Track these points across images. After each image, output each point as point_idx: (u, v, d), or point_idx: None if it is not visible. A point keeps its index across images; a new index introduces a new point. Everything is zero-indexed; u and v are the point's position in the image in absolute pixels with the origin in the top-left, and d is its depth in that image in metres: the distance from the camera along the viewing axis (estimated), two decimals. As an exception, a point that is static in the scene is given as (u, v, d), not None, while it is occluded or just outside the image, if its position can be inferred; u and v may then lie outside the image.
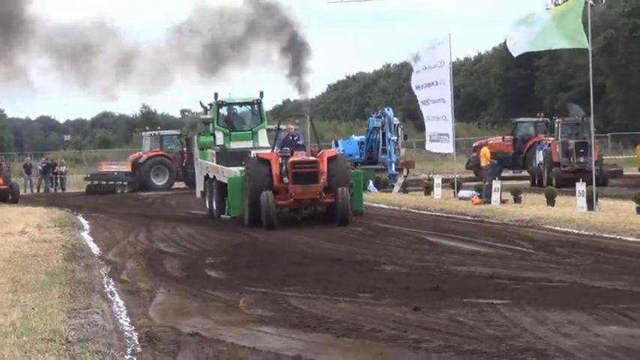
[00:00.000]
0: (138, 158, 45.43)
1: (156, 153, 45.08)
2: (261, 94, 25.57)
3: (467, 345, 7.98)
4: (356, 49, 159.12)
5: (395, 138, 37.62)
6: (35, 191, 46.82)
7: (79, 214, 27.59)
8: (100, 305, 10.55)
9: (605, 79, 64.96)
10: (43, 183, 47.70)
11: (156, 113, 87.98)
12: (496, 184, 25.27)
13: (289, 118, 24.02)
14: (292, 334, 8.75)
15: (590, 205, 20.69)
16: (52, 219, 24.87)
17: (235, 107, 25.91)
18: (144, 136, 47.76)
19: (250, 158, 21.55)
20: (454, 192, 28.52)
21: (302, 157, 20.82)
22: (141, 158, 45.13)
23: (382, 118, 38.32)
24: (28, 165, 48.97)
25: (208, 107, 25.78)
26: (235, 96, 26.10)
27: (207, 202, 24.69)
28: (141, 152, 46.53)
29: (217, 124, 25.09)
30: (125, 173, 44.93)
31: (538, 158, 36.49)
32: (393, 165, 36.97)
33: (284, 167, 20.71)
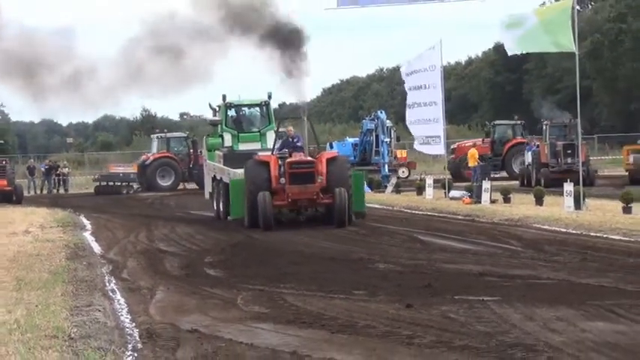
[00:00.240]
0: (146, 160, 45.56)
1: (162, 154, 45.16)
2: (269, 96, 25.37)
3: (458, 340, 8.07)
4: (350, 54, 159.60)
5: (388, 140, 37.94)
6: (38, 192, 46.86)
7: (81, 215, 27.65)
8: (102, 303, 10.65)
9: (591, 83, 65.44)
10: (46, 184, 47.78)
11: (156, 116, 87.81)
12: (486, 185, 25.53)
13: (287, 120, 24.03)
14: (288, 331, 8.82)
15: (577, 205, 20.92)
16: (55, 219, 24.96)
17: (244, 109, 25.73)
18: (152, 138, 48.00)
19: (249, 160, 21.31)
20: (445, 192, 28.70)
21: (299, 158, 20.65)
22: (147, 160, 45.22)
23: (375, 121, 38.68)
24: (32, 167, 49.07)
25: (217, 109, 25.56)
26: (244, 98, 25.99)
27: (214, 204, 24.48)
28: (149, 154, 46.68)
29: (225, 126, 24.92)
30: (132, 174, 45.04)
31: (527, 159, 36.82)
32: (386, 166, 37.26)
33: (282, 168, 20.52)
